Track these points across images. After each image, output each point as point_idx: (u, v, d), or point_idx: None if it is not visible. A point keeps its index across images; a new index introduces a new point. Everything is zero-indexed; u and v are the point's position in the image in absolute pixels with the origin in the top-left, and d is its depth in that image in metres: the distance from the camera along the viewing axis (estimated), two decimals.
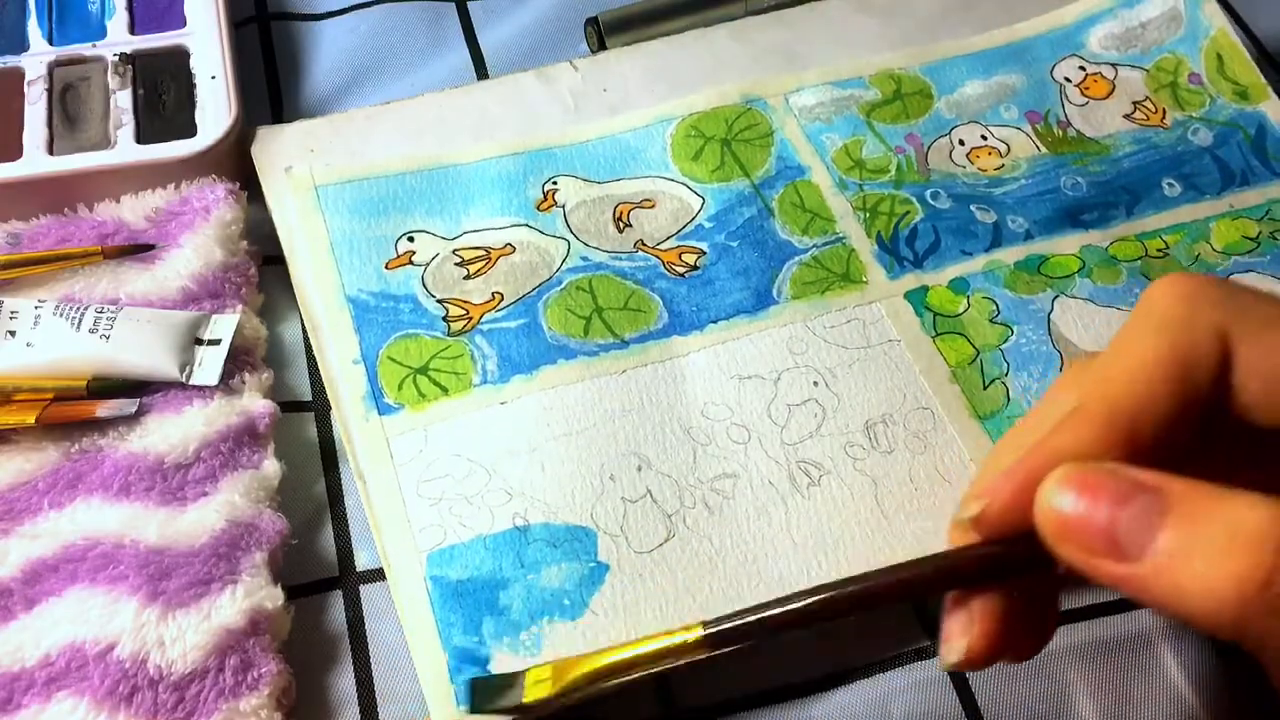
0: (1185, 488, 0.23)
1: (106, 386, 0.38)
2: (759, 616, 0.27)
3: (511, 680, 0.31)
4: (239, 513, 0.35)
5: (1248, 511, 0.22)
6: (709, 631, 0.27)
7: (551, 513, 0.36)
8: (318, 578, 0.37)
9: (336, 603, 0.36)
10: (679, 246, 0.43)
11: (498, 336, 0.40)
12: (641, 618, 0.34)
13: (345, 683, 0.35)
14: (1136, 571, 0.23)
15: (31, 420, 0.36)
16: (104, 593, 0.33)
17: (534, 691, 0.30)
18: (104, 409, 0.37)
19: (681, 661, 0.28)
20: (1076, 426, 0.25)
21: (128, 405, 0.37)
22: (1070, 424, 0.25)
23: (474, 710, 0.31)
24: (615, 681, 0.29)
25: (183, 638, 0.33)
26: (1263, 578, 0.21)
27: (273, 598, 0.34)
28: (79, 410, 0.37)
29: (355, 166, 0.43)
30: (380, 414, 0.38)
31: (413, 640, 0.34)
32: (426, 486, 0.36)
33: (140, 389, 0.38)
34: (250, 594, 0.34)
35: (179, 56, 0.46)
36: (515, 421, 0.38)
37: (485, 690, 0.31)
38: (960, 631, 0.27)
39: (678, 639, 0.28)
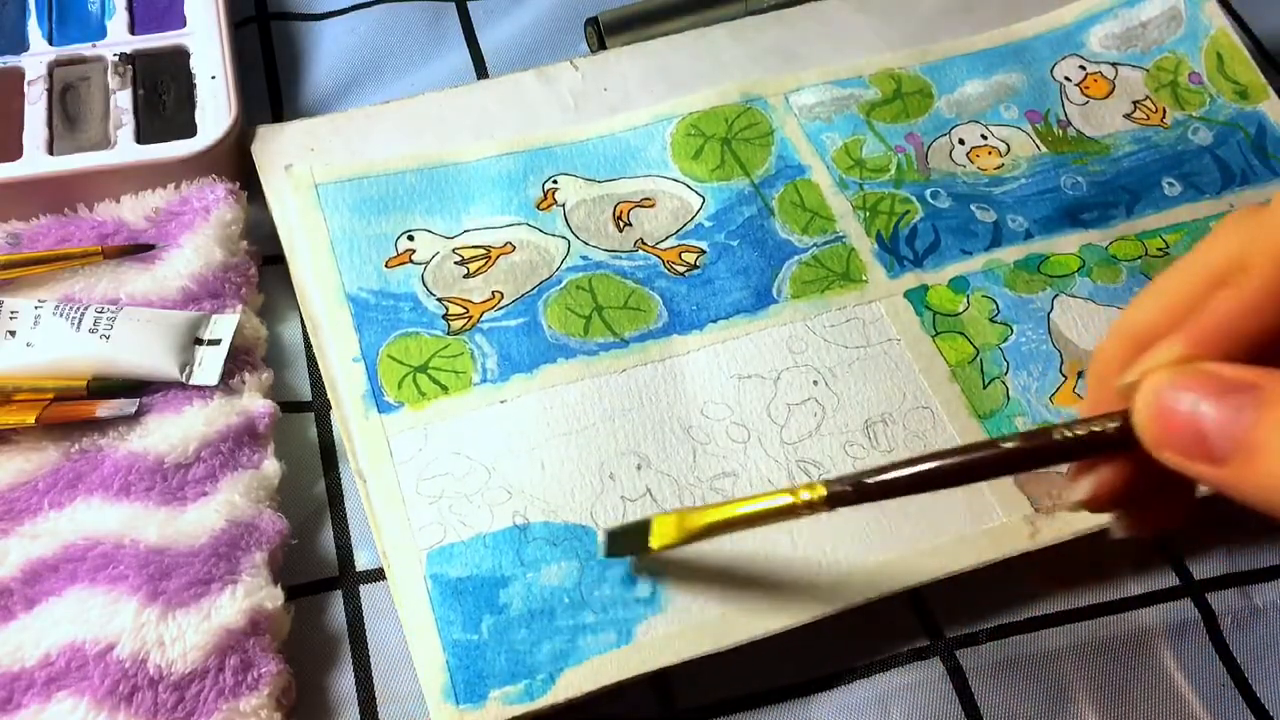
0: (1276, 381, 0.22)
1: (106, 386, 0.38)
2: (879, 479, 0.28)
3: (641, 528, 0.33)
4: (239, 513, 0.35)
5: None
6: (832, 491, 0.29)
7: (551, 511, 0.36)
8: (318, 578, 0.37)
9: (336, 603, 0.36)
10: (679, 245, 0.43)
11: (498, 335, 0.40)
12: (641, 616, 0.34)
13: (345, 682, 0.35)
14: (1228, 473, 0.22)
15: (31, 420, 0.36)
16: (104, 592, 0.33)
17: (661, 538, 0.33)
18: (104, 409, 0.37)
19: (799, 518, 0.30)
20: (1244, 287, 0.24)
21: (128, 405, 0.37)
22: (1238, 286, 0.24)
23: (609, 555, 0.34)
24: (735, 531, 0.32)
25: (183, 637, 0.33)
26: None
27: (273, 598, 0.34)
28: (79, 410, 0.37)
29: (355, 165, 0.43)
30: (380, 412, 0.38)
31: (412, 638, 0.34)
32: (426, 485, 0.36)
33: (140, 389, 0.38)
34: (250, 594, 0.34)
35: (179, 56, 0.46)
36: (515, 420, 0.38)
37: (617, 539, 0.34)
38: (1087, 464, 0.27)
39: (803, 496, 0.30)
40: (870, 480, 0.29)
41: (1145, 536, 0.29)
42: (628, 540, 0.34)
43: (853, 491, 0.29)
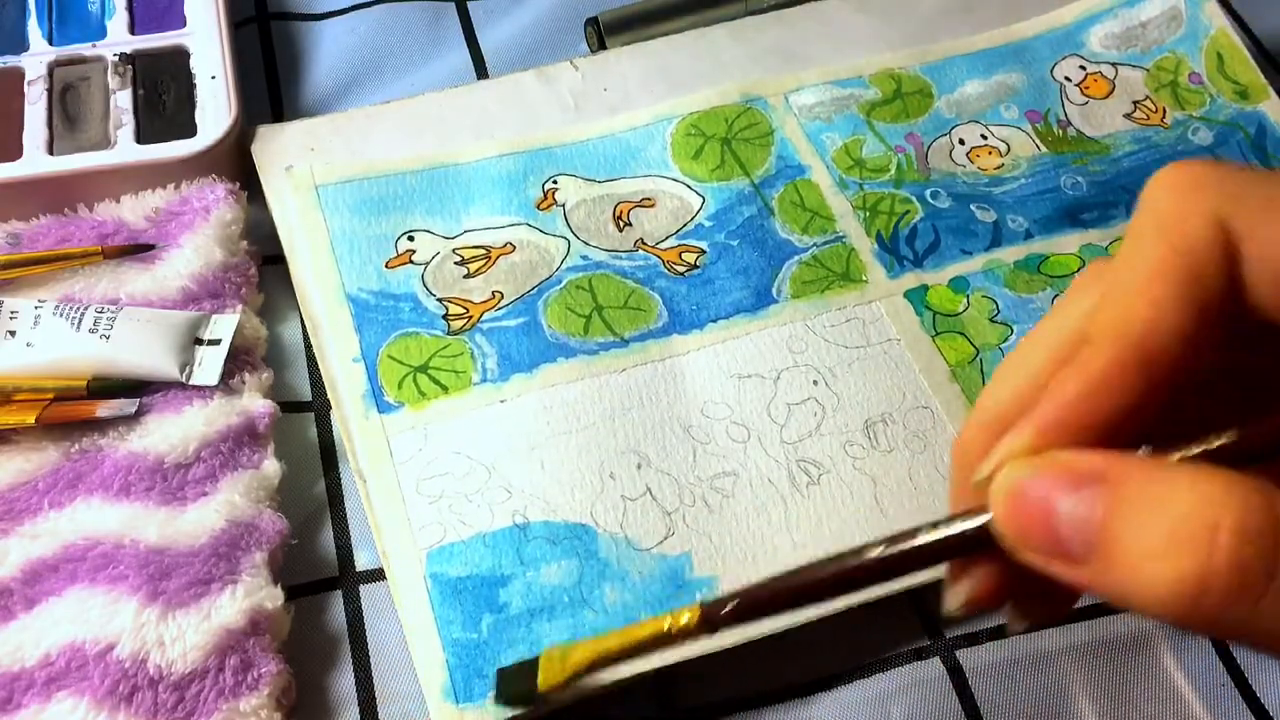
0: (1124, 468, 0.20)
1: (106, 386, 0.38)
2: (751, 597, 0.27)
3: (526, 670, 0.31)
4: (239, 512, 0.35)
5: (1187, 495, 0.19)
6: (705, 612, 0.27)
7: (551, 510, 0.36)
8: (318, 578, 0.37)
9: (336, 603, 0.36)
10: (679, 245, 0.43)
11: (498, 335, 0.40)
12: (640, 616, 0.34)
13: (345, 682, 0.35)
14: (1087, 573, 0.20)
15: (31, 420, 0.36)
16: (104, 592, 0.33)
17: (543, 678, 0.31)
18: (104, 409, 0.37)
19: (681, 643, 0.28)
20: (1087, 367, 0.22)
21: (128, 405, 0.37)
22: (1081, 366, 0.22)
23: (498, 702, 0.32)
24: (617, 668, 0.30)
25: (183, 637, 0.33)
26: (1196, 582, 0.19)
27: (273, 597, 0.34)
28: (79, 410, 0.37)
29: (356, 166, 0.43)
30: (380, 412, 0.38)
31: (412, 637, 0.34)
32: (426, 485, 0.36)
33: (140, 389, 0.38)
34: (250, 594, 0.34)
35: (179, 56, 0.46)
36: (515, 419, 0.38)
37: (505, 681, 0.32)
38: (961, 572, 0.25)
39: (682, 619, 0.28)
40: (737, 603, 0.27)
41: (1041, 625, 0.27)
42: (515, 681, 0.32)
43: (724, 615, 0.27)
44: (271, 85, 0.49)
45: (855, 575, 0.26)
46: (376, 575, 0.37)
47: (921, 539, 0.24)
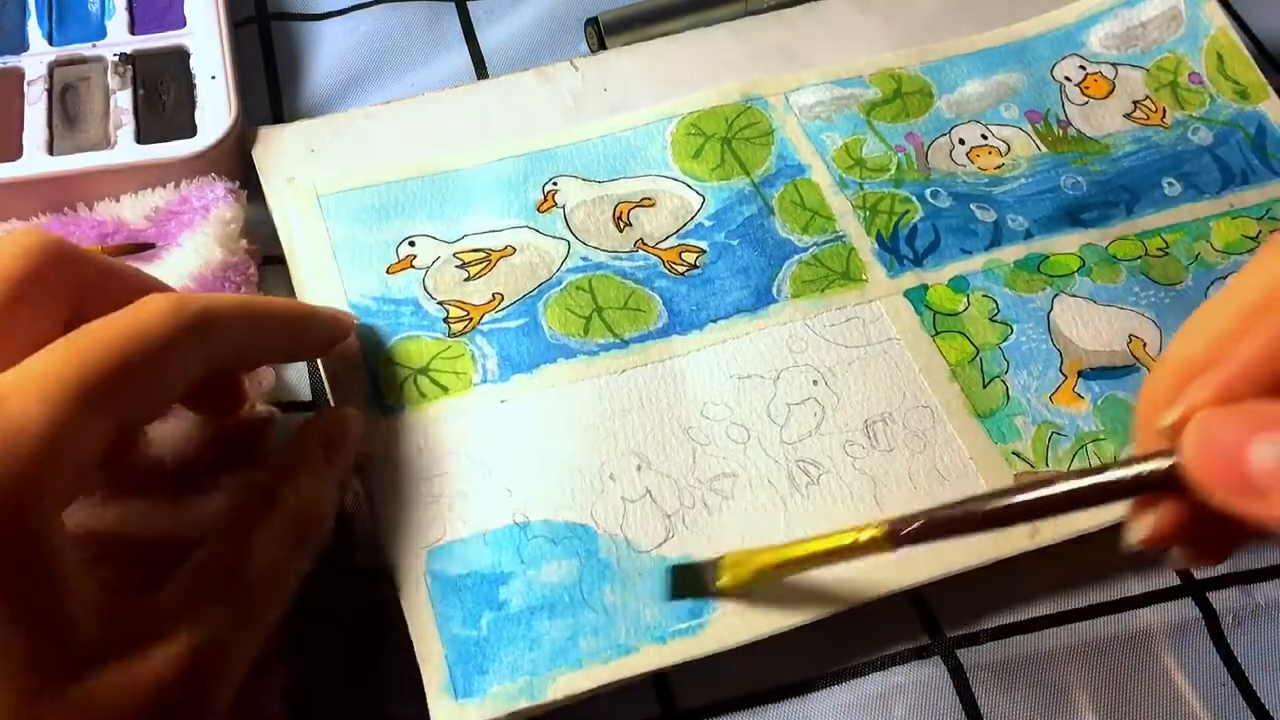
0: None
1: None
2: (940, 518, 0.30)
3: (705, 569, 0.34)
4: None
5: None
6: (893, 530, 0.30)
7: (552, 510, 0.36)
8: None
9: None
10: (679, 245, 0.43)
11: (498, 336, 0.40)
12: (642, 618, 0.34)
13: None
14: (1271, 509, 0.23)
15: None
16: None
17: (727, 578, 0.34)
18: None
19: (864, 556, 0.31)
20: (1274, 327, 0.24)
21: None
22: (1269, 325, 0.25)
23: (672, 598, 0.34)
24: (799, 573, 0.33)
25: None
26: None
27: None
28: None
29: (357, 174, 0.43)
30: (380, 414, 0.38)
31: (412, 634, 0.34)
32: (426, 484, 0.36)
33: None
34: None
35: (179, 56, 0.46)
36: (516, 420, 0.38)
37: (681, 579, 0.35)
38: (1145, 506, 0.27)
39: (865, 535, 0.31)
40: (923, 523, 0.30)
41: (1201, 566, 0.29)
42: (691, 581, 0.35)
43: (909, 533, 0.30)
44: (271, 85, 0.49)
45: (1041, 506, 0.28)
46: (378, 572, 0.36)
47: (1110, 475, 0.26)
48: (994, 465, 0.38)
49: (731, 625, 0.34)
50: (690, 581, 0.35)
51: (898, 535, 0.30)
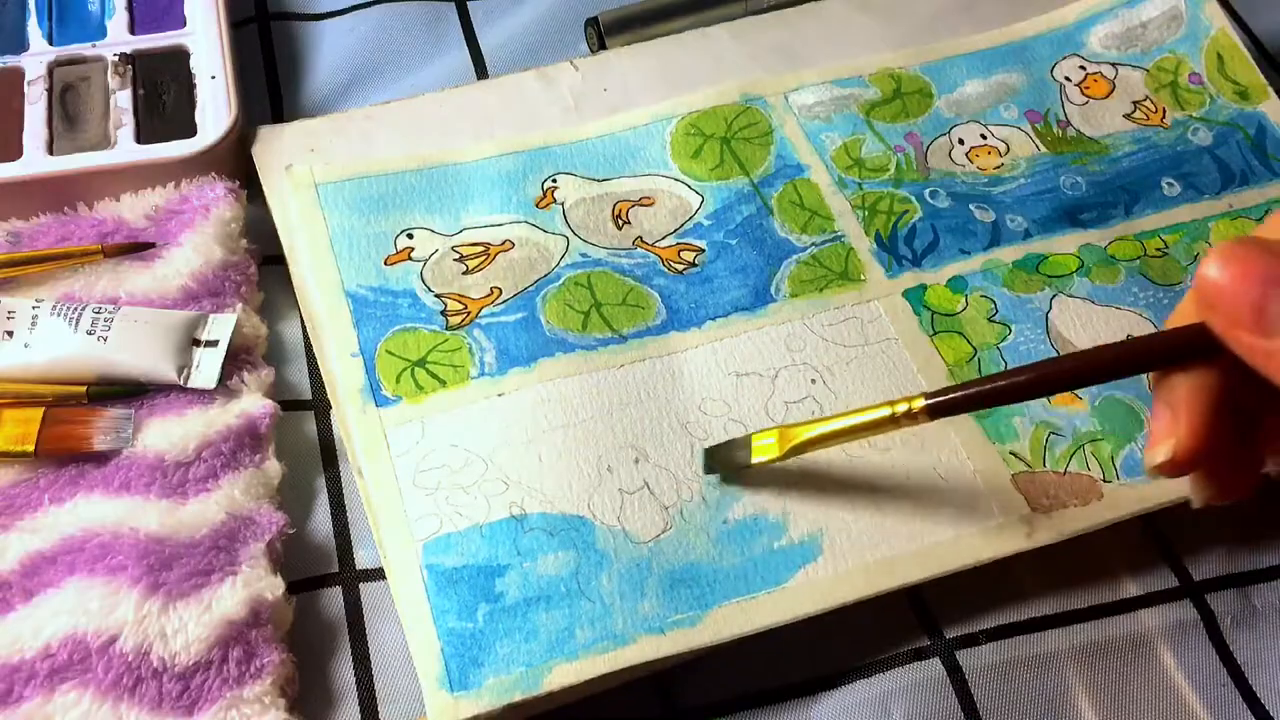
0: None
1: (107, 392, 0.38)
2: (977, 390, 0.31)
3: (739, 444, 0.36)
4: (239, 507, 0.36)
5: None
6: (930, 402, 0.32)
7: (548, 502, 0.36)
8: (318, 573, 0.37)
9: (336, 599, 0.36)
10: (678, 244, 0.43)
11: (496, 330, 0.40)
12: (639, 608, 0.34)
13: (345, 676, 0.35)
14: (1269, 346, 0.24)
15: (31, 449, 0.36)
16: (103, 583, 0.33)
17: (760, 453, 0.35)
18: (100, 440, 0.36)
19: (899, 429, 0.33)
20: None
21: (124, 427, 0.37)
22: None
23: (708, 472, 0.36)
24: (834, 444, 0.34)
25: (185, 629, 0.33)
26: None
27: (273, 588, 0.34)
28: (76, 443, 0.36)
29: (355, 164, 0.43)
30: (377, 406, 0.38)
31: (408, 627, 0.34)
32: (423, 477, 0.37)
33: (141, 393, 0.38)
34: (250, 584, 0.34)
35: (179, 56, 0.46)
36: (513, 413, 0.38)
37: (716, 454, 0.36)
38: (1166, 431, 0.28)
39: (901, 408, 0.32)
40: (962, 393, 0.31)
41: (1219, 504, 0.30)
42: (726, 457, 0.36)
43: (948, 402, 0.31)
44: (271, 85, 0.49)
45: (1078, 370, 0.30)
46: (377, 570, 0.37)
47: (1144, 339, 0.29)
48: (992, 465, 0.38)
49: (729, 617, 0.34)
50: (724, 457, 0.36)
51: (939, 407, 0.31)
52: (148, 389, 0.38)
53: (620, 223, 0.43)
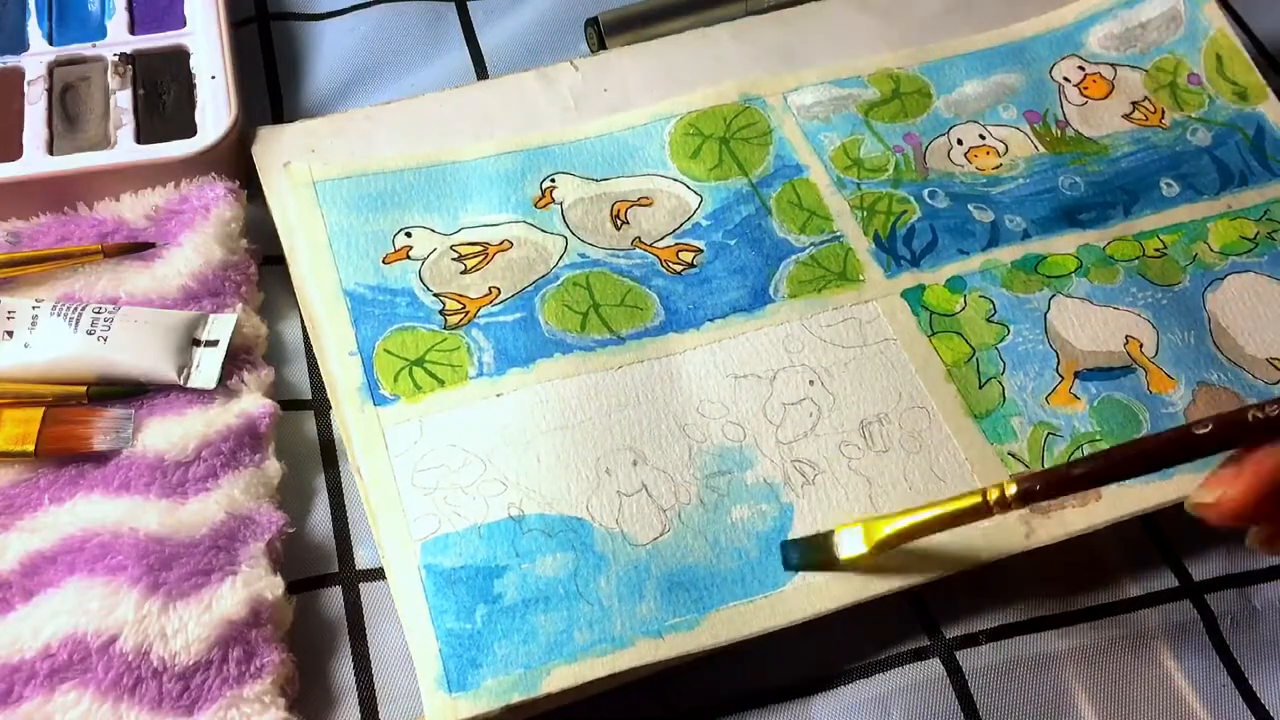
0: None
1: (107, 392, 0.38)
2: (1064, 475, 0.30)
3: (823, 541, 0.35)
4: (238, 507, 0.36)
5: None
6: (1021, 489, 0.31)
7: (547, 504, 0.36)
8: (318, 573, 0.37)
9: (336, 599, 0.36)
10: (676, 244, 0.43)
11: (494, 330, 0.40)
12: (638, 611, 0.34)
13: (345, 676, 0.35)
14: None
15: (31, 449, 0.36)
16: (103, 583, 0.33)
17: (851, 550, 0.34)
18: (100, 440, 0.37)
19: (994, 515, 0.32)
20: None
21: (124, 427, 0.37)
22: None
23: (790, 568, 0.35)
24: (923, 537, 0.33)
25: (185, 629, 0.33)
26: None
27: (272, 587, 0.34)
28: (76, 441, 0.36)
29: (353, 163, 0.44)
30: (375, 405, 0.38)
31: (407, 627, 0.34)
32: (421, 476, 0.37)
33: (141, 393, 0.38)
34: (249, 584, 0.34)
35: (179, 56, 0.46)
36: (511, 413, 0.38)
37: (799, 552, 0.35)
38: (1226, 481, 0.28)
39: (994, 496, 0.31)
40: (1061, 475, 0.30)
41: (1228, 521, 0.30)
42: (809, 553, 0.35)
43: (1042, 488, 0.30)
44: (271, 85, 0.49)
45: (1177, 451, 0.29)
46: (376, 569, 0.37)
47: (1250, 417, 0.28)
48: (990, 466, 0.38)
49: (727, 621, 0.34)
50: (810, 554, 0.35)
51: (1030, 492, 0.30)
52: (148, 389, 0.38)
53: (619, 223, 0.43)
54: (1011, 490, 0.31)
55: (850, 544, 0.34)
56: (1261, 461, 0.28)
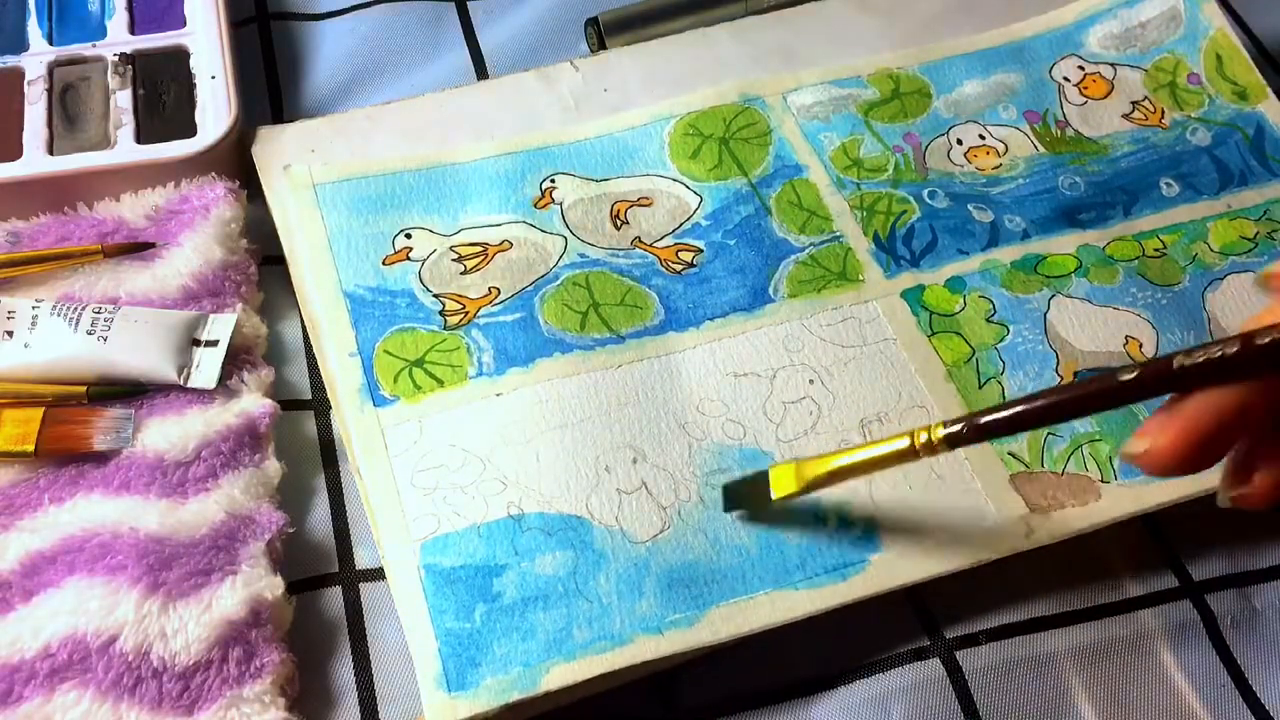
0: None
1: (107, 392, 0.38)
2: (993, 418, 0.30)
3: (757, 481, 0.35)
4: (238, 507, 0.36)
5: None
6: (948, 432, 0.31)
7: (546, 502, 0.36)
8: (318, 573, 0.37)
9: (336, 599, 0.36)
10: (676, 244, 0.43)
11: (494, 330, 0.40)
12: (637, 608, 0.34)
13: (345, 676, 0.35)
14: None
15: (31, 449, 0.36)
16: (103, 583, 0.33)
17: (781, 490, 0.34)
18: (100, 440, 0.37)
19: (917, 460, 0.32)
20: None
21: (125, 426, 0.37)
22: None
23: (728, 510, 0.36)
24: (853, 478, 0.34)
25: (184, 629, 0.33)
26: None
27: (272, 587, 0.34)
28: (76, 443, 0.36)
29: (353, 164, 0.44)
30: (375, 405, 0.38)
31: (407, 627, 0.34)
32: (421, 476, 0.37)
33: (141, 393, 0.38)
34: (250, 584, 0.34)
35: (179, 56, 0.46)
36: (511, 413, 0.38)
37: (735, 494, 0.36)
38: (1155, 428, 0.28)
39: (921, 439, 0.31)
40: (985, 419, 0.30)
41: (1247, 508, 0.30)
42: (745, 495, 0.36)
43: (968, 431, 0.31)
44: (271, 85, 0.49)
45: (1097, 398, 0.29)
46: (376, 569, 0.37)
47: (1175, 365, 0.27)
48: (989, 466, 0.38)
49: (727, 617, 0.34)
50: (744, 495, 0.36)
51: (956, 435, 0.31)
52: (148, 389, 0.38)
53: (618, 223, 0.43)
54: (940, 433, 0.31)
55: (783, 484, 0.34)
56: (1189, 410, 0.28)
